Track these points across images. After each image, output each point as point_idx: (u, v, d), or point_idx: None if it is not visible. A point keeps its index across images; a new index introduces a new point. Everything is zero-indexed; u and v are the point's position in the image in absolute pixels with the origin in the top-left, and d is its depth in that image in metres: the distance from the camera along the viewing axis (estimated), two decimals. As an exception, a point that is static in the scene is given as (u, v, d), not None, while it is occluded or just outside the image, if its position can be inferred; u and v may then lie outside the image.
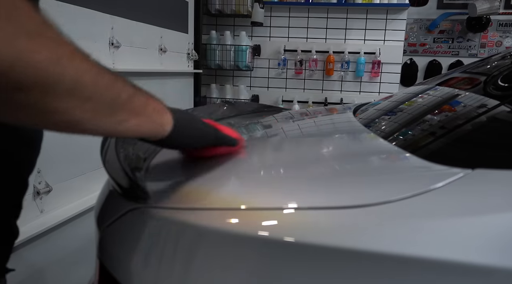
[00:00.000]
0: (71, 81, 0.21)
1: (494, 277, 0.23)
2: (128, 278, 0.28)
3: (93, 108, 0.23)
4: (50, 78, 0.19)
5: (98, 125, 0.24)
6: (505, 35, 2.40)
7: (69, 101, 0.21)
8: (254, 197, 0.31)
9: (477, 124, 0.41)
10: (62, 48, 0.20)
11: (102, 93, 0.23)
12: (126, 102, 0.25)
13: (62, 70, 0.20)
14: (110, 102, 0.24)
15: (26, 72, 0.18)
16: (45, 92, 0.20)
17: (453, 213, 0.26)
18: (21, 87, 0.19)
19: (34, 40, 0.19)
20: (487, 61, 0.65)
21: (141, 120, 0.27)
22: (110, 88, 0.24)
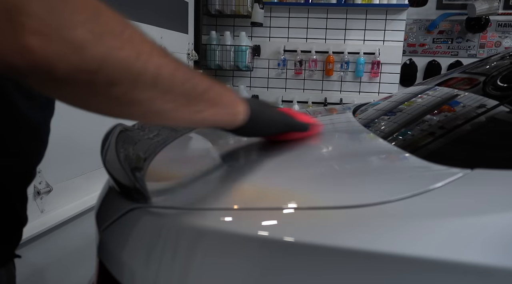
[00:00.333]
0: (151, 75, 0.23)
1: (493, 277, 0.23)
2: (128, 278, 0.28)
3: (173, 99, 0.25)
4: (133, 73, 0.22)
5: (178, 114, 0.26)
6: (504, 35, 2.40)
7: (151, 92, 0.23)
8: (253, 197, 0.31)
9: (476, 124, 0.41)
10: (141, 44, 0.22)
11: (180, 85, 0.25)
12: (202, 94, 0.28)
13: (143, 65, 0.22)
14: (188, 93, 0.26)
15: (115, 67, 0.21)
16: (132, 84, 0.22)
17: (452, 213, 0.26)
18: (112, 81, 0.21)
19: (117, 38, 0.21)
20: (486, 61, 0.65)
21: (216, 110, 0.30)
22: (187, 81, 0.26)
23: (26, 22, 0.17)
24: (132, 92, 0.22)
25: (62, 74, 0.19)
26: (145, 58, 0.22)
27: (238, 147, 0.46)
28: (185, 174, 0.37)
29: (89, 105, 0.23)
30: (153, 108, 0.24)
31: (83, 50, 0.19)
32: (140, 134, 0.45)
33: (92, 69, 0.20)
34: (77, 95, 0.21)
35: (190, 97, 0.27)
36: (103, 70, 0.20)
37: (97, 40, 0.19)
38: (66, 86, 0.20)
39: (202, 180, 0.35)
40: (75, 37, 0.19)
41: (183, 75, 0.26)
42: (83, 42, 0.19)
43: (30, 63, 0.18)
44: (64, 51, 0.18)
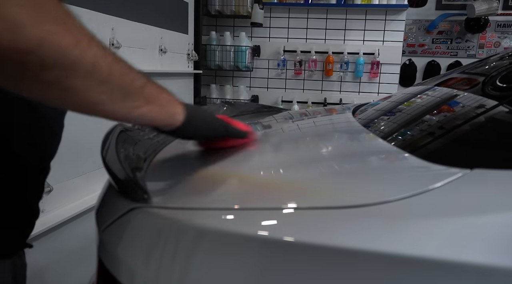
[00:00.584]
0: (88, 63, 0.23)
1: (492, 277, 0.23)
2: (129, 278, 0.28)
3: (108, 90, 0.25)
4: (70, 59, 0.22)
5: (113, 108, 0.26)
6: (504, 35, 2.41)
7: (86, 81, 0.24)
8: (253, 197, 0.31)
9: (476, 124, 0.41)
10: (81, 34, 0.23)
11: (116, 78, 0.25)
12: (139, 89, 0.28)
13: (81, 53, 0.22)
14: (124, 87, 0.26)
15: (51, 51, 0.21)
16: (66, 71, 0.22)
17: (451, 213, 0.26)
18: (46, 64, 0.21)
19: (59, 25, 0.21)
20: (485, 61, 0.65)
21: (153, 108, 0.29)
22: (124, 75, 0.26)
23: None
24: (67, 79, 0.23)
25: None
26: (84, 47, 0.23)
27: (238, 147, 0.46)
28: (185, 174, 0.37)
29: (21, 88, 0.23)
30: (89, 97, 0.24)
31: (20, 30, 0.19)
32: (140, 134, 0.45)
33: (27, 49, 0.20)
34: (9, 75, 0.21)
35: (127, 92, 0.27)
36: (38, 52, 0.20)
37: (36, 23, 0.20)
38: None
39: (202, 180, 0.35)
40: (12, 16, 0.19)
41: (120, 69, 0.26)
42: (20, 23, 0.19)
43: None
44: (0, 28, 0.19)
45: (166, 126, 0.32)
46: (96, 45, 0.24)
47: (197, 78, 1.89)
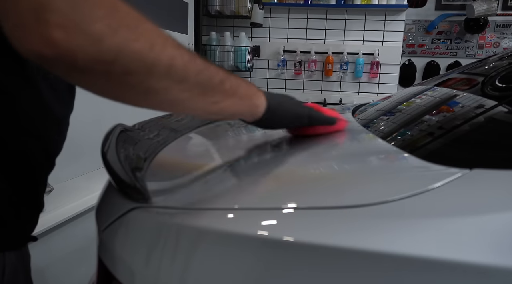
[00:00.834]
0: (165, 65, 0.24)
1: (492, 277, 0.23)
2: (129, 277, 0.28)
3: (188, 88, 0.27)
4: (147, 63, 0.23)
5: (194, 105, 0.28)
6: (503, 36, 2.41)
7: (165, 82, 0.25)
8: (252, 197, 0.31)
9: (475, 125, 0.41)
10: (155, 37, 0.24)
11: (193, 75, 0.27)
12: (218, 85, 0.29)
13: (156, 56, 0.24)
14: (203, 83, 0.27)
15: (129, 58, 0.23)
16: (146, 74, 0.24)
17: (451, 213, 0.26)
18: (127, 71, 0.23)
19: (132, 31, 0.23)
20: (484, 62, 0.65)
21: (233, 101, 0.31)
22: (201, 72, 0.27)
23: (50, 18, 0.20)
24: (147, 81, 0.24)
25: (82, 64, 0.21)
26: (159, 49, 0.24)
27: (237, 147, 0.46)
28: (185, 174, 0.37)
29: (108, 93, 0.25)
30: (169, 97, 0.26)
31: (101, 42, 0.21)
32: (140, 134, 0.45)
33: (109, 60, 0.22)
34: (96, 83, 0.24)
35: (206, 88, 0.28)
36: (119, 61, 0.22)
37: (113, 33, 0.22)
38: (86, 75, 0.22)
39: (202, 180, 0.36)
40: (93, 30, 0.21)
41: (197, 66, 0.27)
42: (100, 35, 0.21)
43: (55, 53, 0.20)
44: (84, 43, 0.21)
45: (248, 117, 0.34)
46: (171, 45, 0.25)
47: (197, 78, 1.89)
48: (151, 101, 0.26)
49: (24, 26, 0.20)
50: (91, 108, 0.49)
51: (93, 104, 0.47)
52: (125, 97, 0.26)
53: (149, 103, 0.27)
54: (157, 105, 0.27)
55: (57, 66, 0.22)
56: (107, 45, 0.21)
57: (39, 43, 0.20)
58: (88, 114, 0.50)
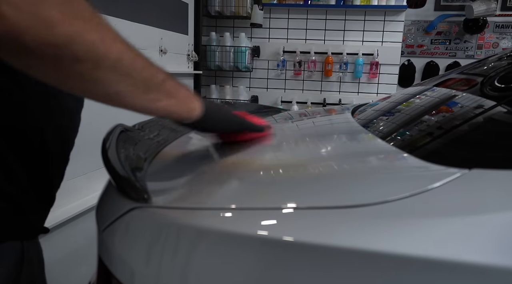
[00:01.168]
0: (114, 58, 0.26)
1: (491, 277, 0.24)
2: (129, 277, 0.28)
3: (132, 83, 0.28)
4: (98, 54, 0.24)
5: (136, 100, 0.29)
6: (502, 36, 2.42)
7: (112, 74, 0.26)
8: (253, 197, 0.31)
9: (474, 125, 0.41)
10: (107, 31, 0.26)
11: (139, 72, 0.28)
12: (159, 84, 0.30)
13: (107, 48, 0.25)
14: (146, 81, 0.29)
15: (80, 47, 0.23)
16: (94, 64, 0.25)
17: (450, 212, 0.27)
18: (77, 58, 0.24)
19: (87, 23, 0.24)
20: (484, 62, 0.66)
21: (172, 101, 0.32)
22: (146, 69, 0.29)
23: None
24: (94, 71, 0.25)
25: (30, 44, 0.22)
26: (109, 43, 0.25)
27: (237, 147, 0.46)
28: (185, 174, 0.37)
29: (54, 79, 0.25)
30: (113, 89, 0.27)
31: (53, 28, 0.22)
32: (141, 134, 0.45)
33: (59, 44, 0.22)
34: (44, 67, 0.24)
35: (148, 85, 0.29)
36: (69, 47, 0.23)
37: (67, 21, 0.22)
38: (33, 57, 0.23)
39: (202, 180, 0.36)
40: (47, 14, 0.21)
41: (142, 64, 0.28)
42: (54, 21, 0.22)
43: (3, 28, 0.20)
44: (35, 25, 0.21)
45: (184, 119, 0.35)
46: (120, 41, 0.26)
47: (197, 78, 1.90)
48: (96, 91, 0.27)
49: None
50: (91, 108, 0.49)
51: (93, 104, 0.47)
52: (71, 85, 0.26)
53: (93, 93, 0.27)
54: (101, 96, 0.28)
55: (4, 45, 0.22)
56: (59, 31, 0.22)
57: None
58: (88, 114, 0.50)
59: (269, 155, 0.45)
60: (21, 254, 0.38)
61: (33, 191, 0.38)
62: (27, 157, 0.36)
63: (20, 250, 0.38)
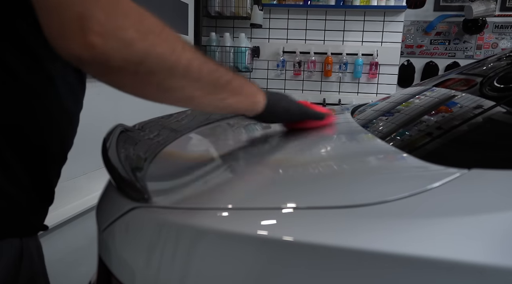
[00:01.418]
0: (184, 66, 0.29)
1: (490, 277, 0.24)
2: (129, 277, 0.28)
3: (201, 87, 0.31)
4: (169, 64, 0.27)
5: (206, 101, 0.32)
6: (501, 37, 2.42)
7: (183, 81, 0.29)
8: (253, 197, 0.31)
9: (473, 125, 0.41)
10: (176, 42, 0.28)
11: (206, 76, 0.31)
12: (226, 84, 0.33)
13: (177, 59, 0.28)
14: (213, 83, 0.32)
15: (154, 60, 0.26)
16: (167, 74, 0.28)
17: (449, 212, 0.27)
18: (152, 71, 0.27)
19: (157, 37, 0.27)
20: (483, 62, 0.66)
21: (238, 98, 0.35)
22: (212, 73, 0.32)
23: (92, 27, 0.23)
24: (167, 81, 0.28)
25: (115, 64, 0.25)
26: (179, 53, 0.28)
27: (237, 147, 0.47)
28: (185, 174, 0.37)
29: (133, 90, 0.29)
30: (185, 94, 0.30)
31: (131, 46, 0.25)
32: (141, 134, 0.45)
33: (137, 61, 0.26)
34: (125, 81, 0.28)
35: (216, 87, 0.32)
36: (145, 62, 0.26)
37: (141, 38, 0.26)
38: (118, 74, 0.26)
39: (202, 179, 0.36)
40: (125, 36, 0.25)
41: (209, 68, 0.31)
42: (131, 40, 0.25)
43: (92, 55, 0.24)
44: (118, 47, 0.25)
45: (250, 113, 0.38)
46: (188, 50, 0.29)
47: (197, 78, 1.89)
48: (170, 98, 0.30)
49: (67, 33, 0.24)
50: (91, 109, 0.50)
51: (94, 105, 0.47)
52: (148, 94, 0.30)
53: (168, 99, 0.31)
54: (175, 101, 0.31)
55: (93, 67, 0.26)
56: (136, 48, 0.25)
57: (80, 47, 0.24)
58: (88, 115, 0.50)
59: (268, 155, 0.45)
60: (20, 251, 0.38)
61: (33, 190, 0.39)
62: (27, 156, 0.37)
63: (19, 247, 0.38)
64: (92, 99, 0.31)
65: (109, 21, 0.24)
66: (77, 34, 0.23)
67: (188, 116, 0.61)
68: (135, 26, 0.25)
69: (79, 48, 0.24)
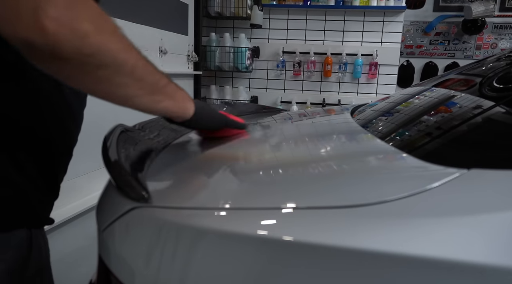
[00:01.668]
0: (131, 64, 0.30)
1: (489, 276, 0.24)
2: (129, 277, 0.28)
3: (142, 87, 0.32)
4: (118, 61, 0.29)
5: (144, 100, 0.33)
6: (500, 37, 2.43)
7: (128, 79, 0.30)
8: (253, 197, 0.31)
9: (473, 125, 0.41)
10: (125, 41, 0.30)
11: (148, 77, 0.33)
12: (163, 87, 0.35)
13: (126, 57, 0.29)
14: (153, 84, 0.34)
15: (105, 55, 0.28)
16: (116, 70, 0.29)
17: (449, 212, 0.27)
18: (102, 65, 0.28)
19: (112, 34, 0.28)
20: (482, 63, 0.66)
21: (172, 102, 0.37)
22: (153, 74, 0.33)
23: (48, 10, 0.23)
24: (115, 76, 0.29)
25: (66, 53, 0.25)
26: (127, 52, 0.30)
27: (237, 147, 0.47)
28: (185, 174, 0.37)
29: (78, 82, 0.30)
30: (128, 92, 0.31)
31: (85, 38, 0.26)
32: (141, 134, 0.45)
33: (88, 53, 0.26)
34: (73, 72, 0.28)
35: (154, 88, 0.34)
36: (96, 55, 0.27)
37: (97, 33, 0.26)
38: (66, 64, 0.26)
39: (202, 180, 0.36)
40: (81, 27, 0.25)
41: (150, 69, 0.33)
42: (86, 32, 0.26)
43: (44, 40, 0.24)
44: (71, 36, 0.25)
45: (179, 117, 0.39)
46: (135, 51, 0.31)
47: (197, 79, 1.90)
48: (112, 94, 0.31)
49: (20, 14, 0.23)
50: (92, 109, 0.50)
51: (94, 105, 0.48)
52: (95, 89, 0.31)
53: (109, 95, 0.31)
54: (117, 98, 0.32)
55: (41, 53, 0.25)
56: (90, 41, 0.26)
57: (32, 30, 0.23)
58: (89, 115, 0.50)
59: (268, 155, 0.45)
60: (29, 242, 0.39)
61: (39, 180, 0.40)
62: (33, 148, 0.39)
63: (28, 237, 0.39)
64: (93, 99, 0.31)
65: (68, 9, 0.24)
66: (30, 16, 0.23)
67: None
68: (92, 20, 0.26)
69: (31, 31, 0.23)
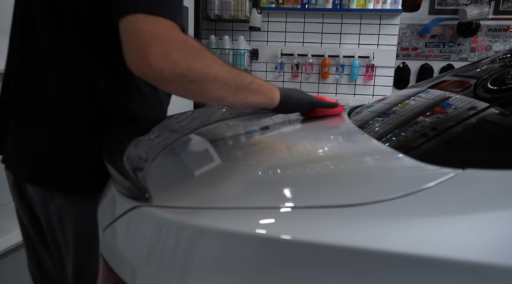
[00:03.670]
0: (214, 74, 0.39)
1: (484, 275, 0.24)
2: (130, 276, 0.28)
3: (229, 89, 0.41)
4: (203, 75, 0.38)
5: (232, 99, 0.43)
6: (494, 39, 2.46)
7: (215, 85, 0.40)
8: (252, 197, 0.31)
9: (468, 126, 0.42)
10: (208, 58, 0.39)
11: (232, 80, 0.41)
12: (247, 85, 0.44)
13: (208, 70, 0.39)
14: (238, 85, 0.42)
15: (193, 72, 0.37)
16: (202, 82, 0.38)
17: (444, 212, 0.27)
18: (192, 80, 0.37)
19: (195, 55, 0.38)
20: (477, 64, 0.67)
21: (257, 96, 0.46)
22: (237, 78, 0.42)
23: (151, 51, 0.35)
24: (203, 86, 0.39)
25: (165, 77, 0.36)
26: (209, 66, 0.39)
27: (237, 147, 0.47)
28: (186, 174, 0.37)
29: (182, 94, 0.40)
30: (216, 95, 0.41)
31: (176, 64, 0.36)
32: (142, 135, 0.45)
33: (180, 74, 0.36)
34: (175, 88, 0.38)
35: (239, 88, 0.43)
36: (187, 75, 0.37)
37: (184, 58, 0.36)
38: (168, 83, 0.37)
39: (203, 179, 0.36)
40: (172, 57, 0.36)
41: (234, 74, 0.42)
42: (176, 60, 0.36)
43: (150, 71, 0.36)
44: (167, 66, 0.35)
45: (269, 106, 0.49)
46: (218, 62, 0.40)
47: (195, 80, 1.89)
48: (206, 98, 0.41)
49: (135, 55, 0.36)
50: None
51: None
52: (191, 96, 0.41)
53: (203, 99, 0.42)
54: (210, 100, 0.42)
55: (152, 79, 0.37)
56: (180, 65, 0.36)
57: (143, 65, 0.35)
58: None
59: (267, 155, 0.45)
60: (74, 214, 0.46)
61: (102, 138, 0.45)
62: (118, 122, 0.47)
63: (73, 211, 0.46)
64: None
65: (161, 46, 0.35)
66: (142, 57, 0.35)
67: (188, 117, 0.62)
68: (179, 50, 0.36)
69: (143, 66, 0.35)
